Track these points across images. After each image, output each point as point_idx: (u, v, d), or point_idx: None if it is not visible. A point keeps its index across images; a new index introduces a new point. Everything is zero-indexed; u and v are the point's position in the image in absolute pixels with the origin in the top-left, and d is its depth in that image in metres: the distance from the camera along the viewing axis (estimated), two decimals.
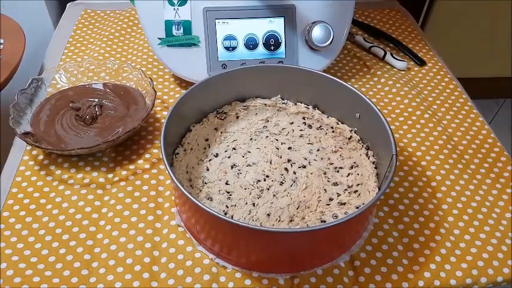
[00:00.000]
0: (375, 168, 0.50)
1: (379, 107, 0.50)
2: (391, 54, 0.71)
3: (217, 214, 0.39)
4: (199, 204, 0.40)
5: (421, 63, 0.71)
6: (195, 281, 0.44)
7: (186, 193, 0.40)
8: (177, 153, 0.51)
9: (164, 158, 0.44)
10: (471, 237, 0.49)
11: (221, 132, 0.55)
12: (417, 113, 0.63)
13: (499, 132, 0.61)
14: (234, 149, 0.53)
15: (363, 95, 0.51)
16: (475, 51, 1.52)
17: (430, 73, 0.70)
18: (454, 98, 0.66)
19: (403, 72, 0.70)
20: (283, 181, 0.50)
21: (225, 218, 0.40)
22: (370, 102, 0.50)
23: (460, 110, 0.64)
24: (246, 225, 0.40)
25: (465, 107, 0.65)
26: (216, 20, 0.60)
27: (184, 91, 0.51)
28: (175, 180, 0.41)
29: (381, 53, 0.71)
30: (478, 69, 1.58)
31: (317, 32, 0.60)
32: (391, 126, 0.47)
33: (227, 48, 0.61)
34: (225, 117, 0.56)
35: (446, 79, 0.70)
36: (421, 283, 0.45)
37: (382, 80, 0.68)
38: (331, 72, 0.68)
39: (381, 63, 0.72)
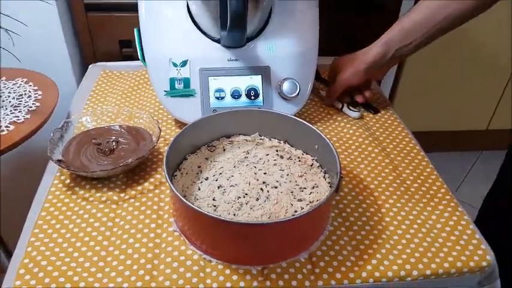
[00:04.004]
0: (330, 187, 0.64)
1: (332, 142, 0.64)
2: (348, 106, 0.86)
3: (198, 209, 0.51)
4: (188, 203, 0.52)
5: (375, 111, 0.87)
6: (186, 271, 0.55)
7: (178, 194, 0.53)
8: (175, 175, 0.65)
9: (167, 176, 0.57)
10: (407, 241, 0.60)
11: (211, 161, 0.69)
12: (369, 148, 0.77)
13: (476, 183, 0.73)
14: (220, 173, 0.67)
15: (320, 132, 0.65)
16: (440, 106, 1.71)
17: (382, 119, 0.86)
18: (401, 138, 0.81)
19: (359, 119, 0.85)
20: (259, 197, 0.62)
21: (203, 212, 0.52)
22: (324, 137, 0.64)
23: (405, 146, 0.78)
24: (222, 218, 0.53)
25: (410, 144, 0.79)
26: (209, 77, 0.76)
27: (179, 130, 0.66)
28: (174, 189, 0.55)
29: (339, 105, 0.87)
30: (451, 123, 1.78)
31: (287, 86, 0.76)
32: (341, 157, 0.61)
33: (217, 98, 0.76)
34: (214, 150, 0.70)
35: (396, 123, 0.85)
36: (364, 274, 0.56)
37: (342, 124, 0.83)
38: (301, 117, 0.83)
39: (340, 112, 0.87)
